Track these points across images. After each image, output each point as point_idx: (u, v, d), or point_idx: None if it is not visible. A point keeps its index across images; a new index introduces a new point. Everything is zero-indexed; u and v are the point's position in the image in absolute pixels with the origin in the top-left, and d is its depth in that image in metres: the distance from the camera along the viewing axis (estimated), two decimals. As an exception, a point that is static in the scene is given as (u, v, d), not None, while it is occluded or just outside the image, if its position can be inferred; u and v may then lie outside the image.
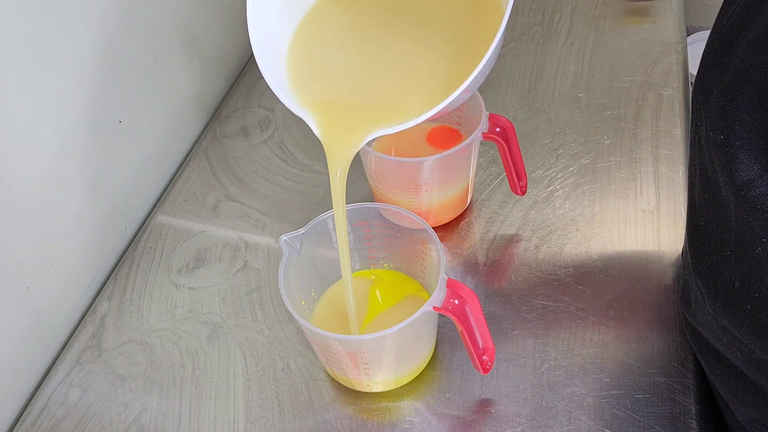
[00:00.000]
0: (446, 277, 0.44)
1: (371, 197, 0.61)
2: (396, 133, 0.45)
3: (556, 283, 0.54)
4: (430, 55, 0.44)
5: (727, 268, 0.36)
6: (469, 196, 0.60)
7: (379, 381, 0.48)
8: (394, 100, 0.43)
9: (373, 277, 0.53)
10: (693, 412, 0.46)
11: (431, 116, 0.39)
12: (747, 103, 0.33)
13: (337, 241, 0.45)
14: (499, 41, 0.38)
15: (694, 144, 0.40)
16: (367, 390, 0.49)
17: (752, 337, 0.35)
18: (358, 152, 0.43)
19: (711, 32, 0.38)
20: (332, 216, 0.49)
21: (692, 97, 0.39)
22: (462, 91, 0.38)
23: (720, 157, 0.34)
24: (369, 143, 0.49)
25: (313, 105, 0.43)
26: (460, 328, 0.44)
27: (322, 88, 0.44)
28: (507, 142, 0.54)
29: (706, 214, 0.39)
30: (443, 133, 0.61)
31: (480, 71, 0.38)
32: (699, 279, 0.40)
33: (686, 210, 0.44)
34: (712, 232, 0.38)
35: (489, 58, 0.38)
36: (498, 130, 0.53)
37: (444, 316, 0.44)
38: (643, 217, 0.58)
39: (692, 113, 0.40)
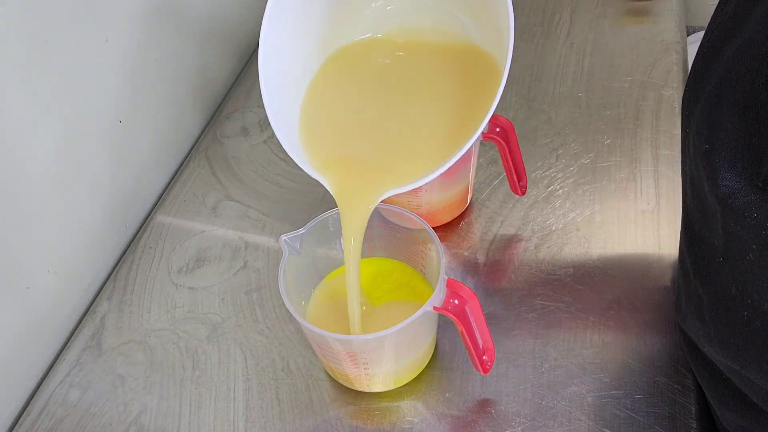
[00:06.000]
0: (446, 277, 0.44)
1: (371, 197, 0.61)
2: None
3: (556, 283, 0.54)
4: (434, 115, 0.46)
5: (722, 273, 0.36)
6: (469, 196, 0.60)
7: (379, 381, 0.48)
8: (403, 161, 0.45)
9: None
10: (693, 412, 0.46)
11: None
12: (730, 113, 0.32)
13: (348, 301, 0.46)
14: (497, 101, 0.40)
15: (684, 150, 0.40)
16: (367, 390, 0.49)
17: (750, 347, 0.34)
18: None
19: (702, 40, 0.37)
20: (332, 216, 0.49)
21: (682, 104, 0.39)
22: (465, 150, 0.41)
23: (705, 166, 0.34)
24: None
25: (326, 166, 0.45)
26: (460, 328, 0.44)
27: (334, 150, 0.46)
28: (507, 142, 0.54)
29: (698, 221, 0.38)
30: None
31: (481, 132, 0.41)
32: (700, 285, 0.39)
33: (681, 214, 0.44)
34: (705, 239, 0.38)
35: (489, 118, 0.41)
36: (498, 130, 0.53)
37: (444, 315, 0.44)
38: (643, 218, 0.58)
39: (681, 120, 0.39)
